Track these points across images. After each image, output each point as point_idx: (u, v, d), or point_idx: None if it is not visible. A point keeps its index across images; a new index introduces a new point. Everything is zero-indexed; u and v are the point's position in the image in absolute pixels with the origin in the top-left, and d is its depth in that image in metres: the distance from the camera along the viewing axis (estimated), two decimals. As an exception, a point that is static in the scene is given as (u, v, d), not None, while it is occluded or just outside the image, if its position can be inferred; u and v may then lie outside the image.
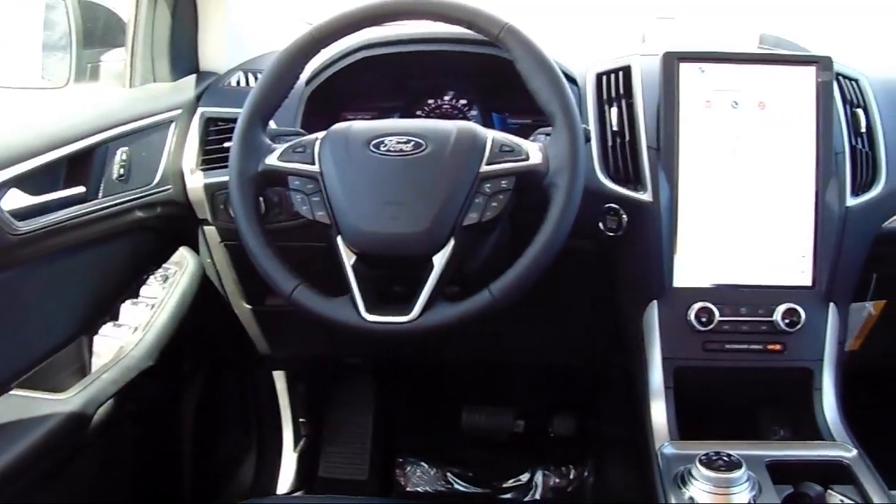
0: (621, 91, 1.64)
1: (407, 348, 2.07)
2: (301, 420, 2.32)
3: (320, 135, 1.40)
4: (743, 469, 1.24)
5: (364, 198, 1.33)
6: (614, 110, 1.62)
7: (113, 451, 1.75)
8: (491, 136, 1.36)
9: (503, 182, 1.32)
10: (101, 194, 1.56)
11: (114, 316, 1.66)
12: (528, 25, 1.40)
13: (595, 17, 2.40)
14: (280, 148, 1.39)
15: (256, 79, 1.64)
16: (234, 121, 1.43)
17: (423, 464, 2.44)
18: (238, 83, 1.81)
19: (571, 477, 2.42)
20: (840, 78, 1.69)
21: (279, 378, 2.25)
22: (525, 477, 2.43)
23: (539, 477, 2.42)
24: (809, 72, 1.58)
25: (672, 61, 1.57)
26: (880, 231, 1.65)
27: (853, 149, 1.62)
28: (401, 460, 2.47)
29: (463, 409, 2.40)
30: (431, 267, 1.31)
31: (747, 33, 1.95)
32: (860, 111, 1.66)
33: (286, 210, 1.58)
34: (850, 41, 2.21)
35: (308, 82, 1.73)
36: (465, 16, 1.38)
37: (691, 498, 1.25)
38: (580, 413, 2.41)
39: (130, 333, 1.62)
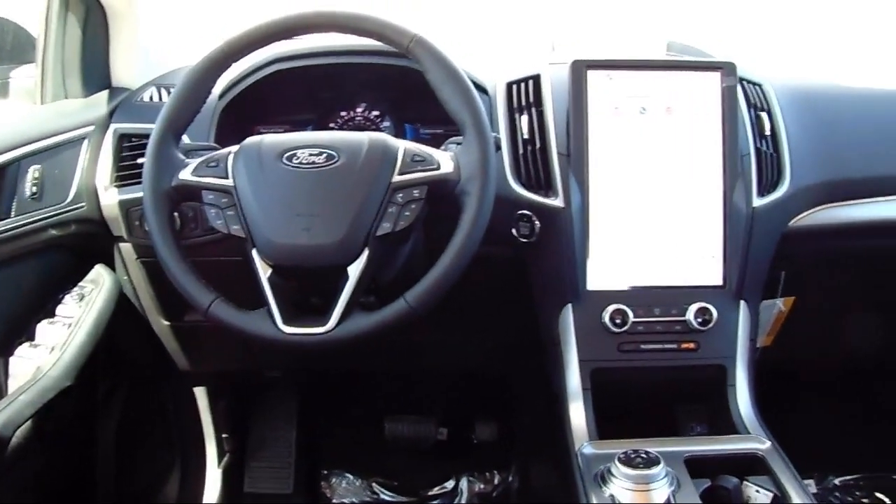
0: (531, 99, 1.66)
1: (326, 359, 2.07)
2: (224, 436, 2.31)
3: (233, 149, 1.40)
4: (661, 465, 1.27)
5: (278, 210, 1.33)
6: (525, 118, 1.64)
7: (31, 474, 1.73)
8: (402, 146, 1.38)
9: (415, 191, 1.33)
10: (13, 213, 1.53)
11: (30, 336, 1.64)
12: (439, 36, 1.41)
13: (506, 26, 2.43)
14: (193, 163, 1.39)
15: (169, 94, 1.63)
16: (148, 136, 1.42)
17: (348, 475, 2.44)
18: (151, 98, 1.79)
19: (496, 482, 2.43)
20: (744, 83, 1.74)
21: (200, 394, 2.23)
22: (450, 484, 2.43)
23: (464, 483, 2.43)
24: (714, 77, 1.62)
25: (580, 69, 1.59)
26: (786, 230, 1.70)
27: (758, 151, 1.67)
28: (326, 472, 2.46)
29: (385, 419, 2.40)
30: (346, 277, 1.31)
31: (655, 41, 1.98)
32: (764, 115, 1.71)
33: (201, 225, 1.58)
34: (757, 48, 2.28)
35: (221, 96, 1.72)
36: (375, 28, 1.39)
37: (612, 496, 1.28)
38: (502, 418, 2.43)
39: (47, 353, 1.60)
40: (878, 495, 2.48)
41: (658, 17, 2.48)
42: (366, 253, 1.31)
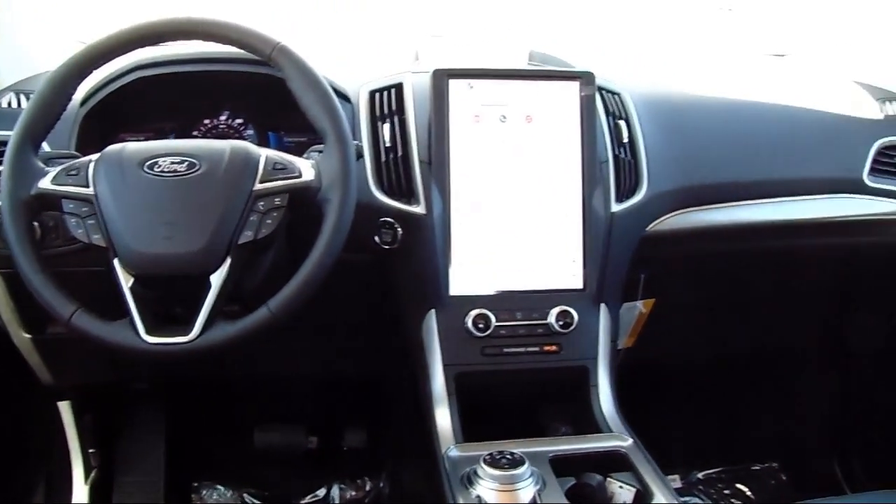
0: (394, 108, 1.68)
1: (191, 369, 2.04)
2: (91, 451, 2.25)
3: (94, 157, 1.38)
4: (526, 465, 1.29)
5: (139, 219, 1.31)
6: (387, 126, 1.65)
7: None
8: (264, 154, 1.38)
9: (277, 199, 1.34)
10: None
11: None
12: (302, 45, 1.42)
13: (370, 36, 2.44)
14: (53, 171, 1.36)
15: (28, 100, 1.59)
16: (5, 144, 1.39)
17: (219, 487, 2.41)
18: (9, 104, 1.75)
19: (367, 488, 2.44)
20: (603, 92, 1.78)
21: (65, 409, 2.17)
22: (322, 492, 2.43)
23: (335, 491, 2.42)
24: (573, 87, 1.66)
25: (442, 78, 1.62)
26: (644, 234, 1.76)
27: (616, 158, 1.72)
28: (196, 485, 2.42)
29: (255, 429, 2.39)
30: (209, 286, 1.31)
31: (517, 50, 2.02)
32: (622, 123, 1.77)
33: (62, 234, 1.52)
34: (618, 58, 2.34)
35: (83, 103, 1.69)
36: (238, 36, 1.40)
37: (479, 497, 1.29)
38: (372, 424, 2.44)
39: None
40: (739, 486, 2.57)
41: (522, 28, 2.53)
42: (228, 261, 1.31)
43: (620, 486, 1.40)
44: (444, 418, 1.54)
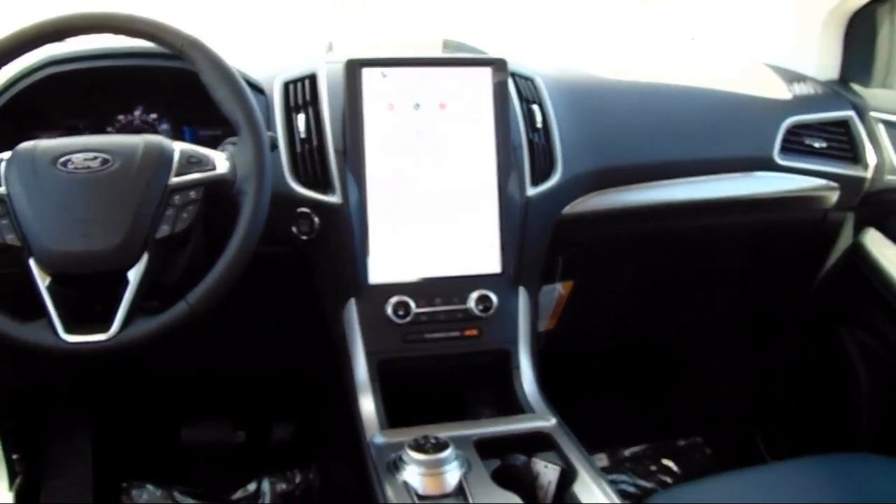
0: (308, 98, 1.68)
1: (114, 367, 2.03)
2: (15, 457, 2.22)
3: (5, 155, 1.36)
4: (451, 449, 1.31)
5: (54, 217, 1.30)
6: (301, 117, 1.66)
7: None
8: (178, 148, 1.38)
9: (192, 193, 1.34)
10: None
11: None
12: (214, 37, 1.43)
13: (283, 27, 2.45)
14: None
15: None
16: None
17: (148, 486, 2.39)
18: None
19: (297, 481, 2.44)
20: (516, 77, 1.81)
21: (-14, 415, 2.15)
22: (252, 486, 2.42)
23: (266, 485, 2.42)
24: (486, 73, 1.69)
25: (355, 68, 1.63)
26: (560, 216, 1.79)
27: (530, 142, 1.74)
28: (125, 485, 2.40)
29: (181, 426, 2.38)
30: (127, 282, 1.30)
31: (431, 39, 2.03)
32: (536, 107, 1.79)
33: (-26, 237, 1.53)
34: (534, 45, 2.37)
35: None
36: (148, 29, 1.39)
37: (405, 482, 1.30)
38: (300, 416, 2.45)
39: None
40: (665, 462, 2.63)
41: (438, 16, 2.54)
42: (145, 257, 1.31)
43: (545, 466, 1.42)
44: (368, 406, 1.56)
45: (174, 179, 1.34)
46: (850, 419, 2.28)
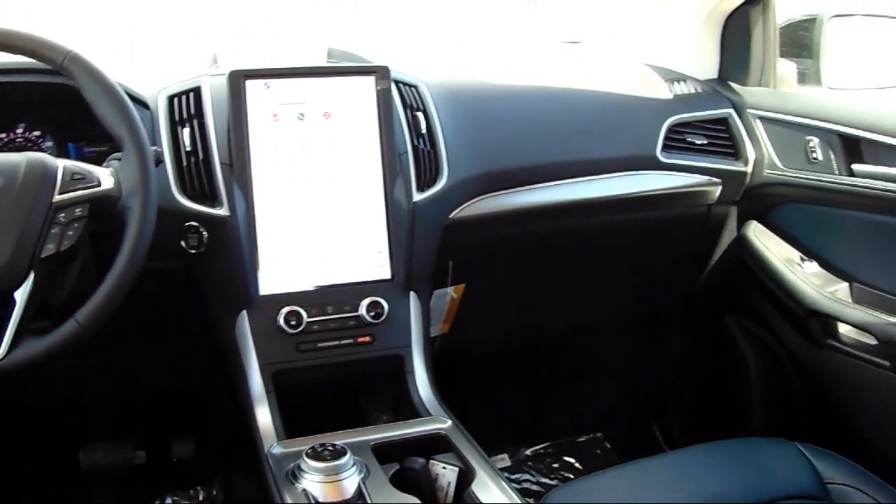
0: (192, 112, 1.68)
1: (3, 391, 2.00)
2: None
3: None
4: (348, 455, 1.32)
5: None
6: (186, 131, 1.66)
7: None
8: (62, 165, 1.36)
9: (77, 210, 1.33)
10: None
11: None
12: (96, 52, 1.42)
13: (169, 41, 2.44)
14: None
15: None
16: None
17: (50, 512, 2.37)
18: None
19: (201, 498, 2.45)
20: (399, 85, 1.84)
21: None
22: (155, 506, 2.42)
23: (169, 503, 2.42)
24: (369, 81, 1.71)
25: (238, 79, 1.64)
26: (448, 221, 1.83)
27: (416, 149, 1.78)
28: (26, 511, 2.38)
29: (80, 449, 2.34)
30: (14, 303, 1.28)
31: (316, 48, 2.05)
32: (420, 114, 1.83)
33: None
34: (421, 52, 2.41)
35: None
36: (28, 45, 1.37)
37: (305, 491, 1.31)
38: (199, 433, 2.43)
39: None
40: (567, 459, 2.69)
41: (324, 26, 2.56)
42: (31, 276, 1.29)
43: (444, 467, 1.45)
44: (264, 417, 1.56)
45: (58, 197, 1.32)
46: (742, 405, 2.37)
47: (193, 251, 1.62)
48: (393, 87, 1.78)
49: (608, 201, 2.04)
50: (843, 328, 1.98)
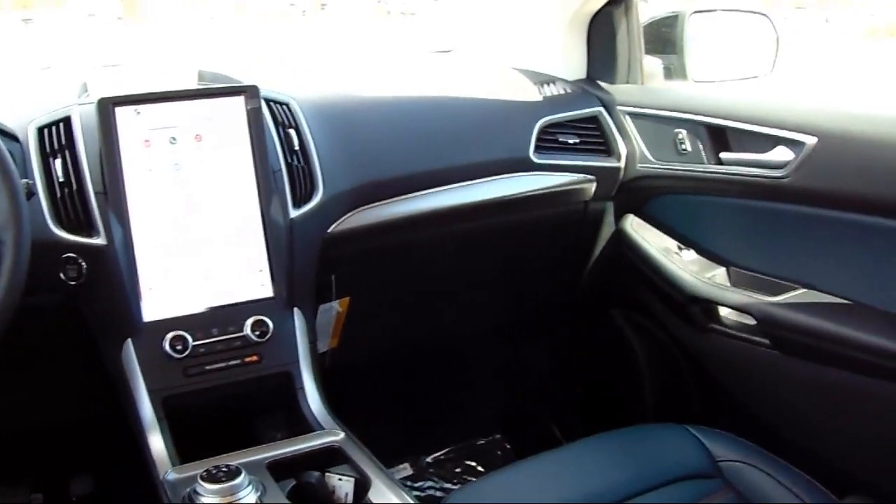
0: (63, 142, 1.68)
1: None
2: None
3: None
4: (243, 475, 1.33)
5: None
6: (58, 161, 1.65)
7: None
8: None
9: None
10: None
11: None
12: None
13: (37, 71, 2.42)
14: None
15: None
16: None
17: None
18: None
19: (103, 535, 2.40)
20: (270, 103, 1.86)
21: None
22: (57, 547, 2.36)
23: (70, 543, 2.37)
24: (239, 101, 1.73)
25: (107, 107, 1.64)
26: (327, 236, 1.85)
27: (289, 166, 1.80)
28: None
29: None
30: None
31: (187, 72, 2.05)
32: (292, 131, 1.85)
33: None
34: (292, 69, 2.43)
35: None
36: None
37: None
38: (97, 466, 2.40)
39: None
40: (468, 462, 2.74)
41: (194, 49, 2.56)
42: None
43: (339, 479, 1.48)
44: (157, 444, 1.56)
45: None
46: (634, 394, 2.44)
47: (73, 283, 1.61)
48: (264, 105, 1.79)
49: (485, 205, 2.09)
50: (724, 311, 2.06)
